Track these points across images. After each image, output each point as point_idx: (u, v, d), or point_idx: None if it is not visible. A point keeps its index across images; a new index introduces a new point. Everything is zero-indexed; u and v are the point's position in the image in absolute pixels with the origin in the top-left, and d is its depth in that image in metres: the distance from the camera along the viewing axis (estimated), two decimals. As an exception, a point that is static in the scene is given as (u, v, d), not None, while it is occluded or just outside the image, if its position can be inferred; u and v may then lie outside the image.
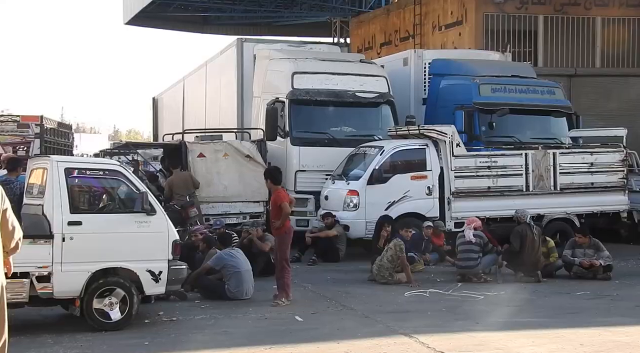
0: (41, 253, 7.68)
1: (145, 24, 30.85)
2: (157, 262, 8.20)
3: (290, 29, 28.70)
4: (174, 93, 26.50)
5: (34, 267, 7.64)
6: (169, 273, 8.25)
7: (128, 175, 8.40)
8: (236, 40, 18.11)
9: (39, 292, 7.68)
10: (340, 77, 15.37)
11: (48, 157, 8.61)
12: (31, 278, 7.63)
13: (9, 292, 7.23)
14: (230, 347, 7.41)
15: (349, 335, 7.91)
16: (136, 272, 8.08)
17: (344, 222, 13.33)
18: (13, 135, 13.74)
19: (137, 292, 8.09)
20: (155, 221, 8.24)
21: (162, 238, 8.26)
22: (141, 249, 8.14)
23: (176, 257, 8.41)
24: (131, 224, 8.13)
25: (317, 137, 15.09)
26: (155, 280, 8.18)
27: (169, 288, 8.47)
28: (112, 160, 9.86)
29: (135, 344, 7.44)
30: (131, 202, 8.28)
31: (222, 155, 14.45)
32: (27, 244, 7.57)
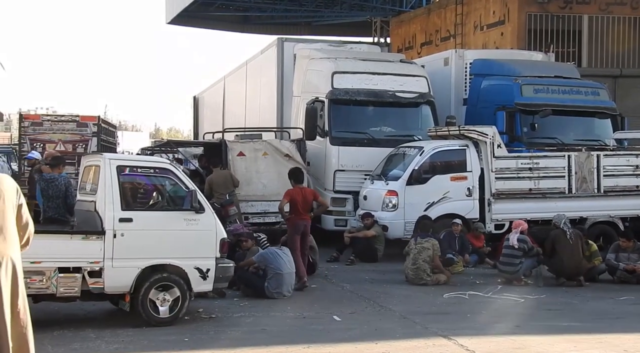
0: (93, 249, 7.80)
1: (187, 24, 31.16)
2: (205, 260, 8.27)
3: (330, 29, 28.70)
4: (215, 92, 26.72)
5: (86, 262, 7.76)
6: (217, 271, 8.32)
7: (178, 173, 8.50)
8: (276, 40, 18.16)
9: (90, 287, 7.81)
10: (380, 77, 15.31)
11: (101, 155, 8.75)
12: (83, 273, 7.76)
13: (62, 286, 7.46)
14: (268, 345, 7.43)
15: (387, 335, 7.89)
16: (184, 269, 8.16)
17: (383, 223, 13.28)
18: (73, 133, 14.39)
19: (189, 290, 8.18)
20: (204, 219, 8.31)
21: (210, 236, 8.33)
22: (189, 246, 8.22)
23: (224, 255, 8.48)
24: (180, 222, 8.22)
25: (356, 137, 15.05)
26: (202, 277, 8.25)
27: (217, 286, 8.54)
28: (162, 159, 10.00)
29: (175, 340, 7.51)
30: (180, 199, 8.38)
31: (262, 154, 14.49)
32: (80, 240, 7.84)
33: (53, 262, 7.62)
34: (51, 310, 8.47)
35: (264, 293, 9.89)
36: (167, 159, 16.42)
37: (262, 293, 9.89)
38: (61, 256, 7.69)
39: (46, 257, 7.56)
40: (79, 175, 9.47)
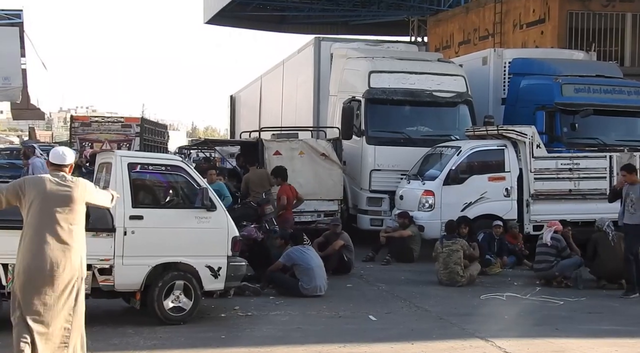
0: (103, 246, 7.72)
1: (225, 23, 31.33)
2: (216, 258, 8.18)
3: (367, 28, 28.60)
4: (251, 91, 26.83)
5: (96, 259, 7.66)
6: (228, 269, 8.22)
7: (189, 170, 8.37)
8: (314, 39, 18.17)
9: (100, 284, 7.75)
10: (418, 76, 15.21)
11: (112, 152, 8.65)
12: (93, 271, 7.68)
13: None
14: (304, 344, 7.43)
15: (423, 336, 7.84)
16: (195, 267, 8.07)
17: (419, 223, 13.20)
18: (118, 133, 15.13)
19: (200, 287, 8.12)
20: (215, 217, 8.22)
21: (222, 234, 8.24)
22: (201, 245, 8.12)
23: (236, 254, 8.38)
24: (191, 219, 8.11)
25: (392, 137, 14.97)
26: (214, 276, 8.15)
27: (228, 285, 8.41)
28: (174, 156, 9.97)
29: (212, 337, 7.55)
30: (192, 197, 8.25)
31: (298, 153, 14.47)
32: (90, 237, 7.61)
33: None
34: (91, 305, 8.53)
35: (299, 292, 9.89)
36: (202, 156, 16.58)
37: (298, 292, 9.90)
38: None
39: None
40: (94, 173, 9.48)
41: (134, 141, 14.88)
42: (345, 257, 11.83)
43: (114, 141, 14.85)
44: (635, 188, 10.48)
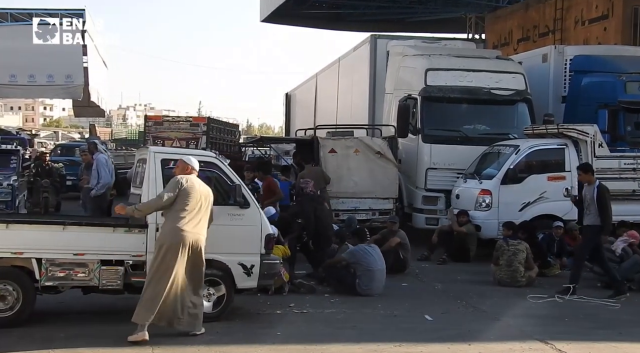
0: (136, 242, 7.73)
1: (281, 21, 31.49)
2: (249, 256, 8.10)
3: (423, 25, 28.35)
4: (307, 89, 26.91)
5: (129, 255, 7.70)
6: (262, 267, 8.13)
7: (223, 167, 8.28)
8: (370, 37, 18.11)
9: (132, 280, 7.72)
10: (475, 74, 15.00)
11: (147, 148, 8.70)
12: (126, 267, 7.71)
13: (104, 278, 7.62)
14: (359, 342, 7.41)
15: (480, 337, 7.73)
16: (228, 264, 8.02)
17: (476, 222, 13.02)
18: (186, 132, 16.01)
19: (233, 285, 8.08)
20: (249, 214, 8.11)
21: (255, 231, 8.14)
22: (234, 242, 8.03)
23: (269, 251, 8.29)
24: (224, 216, 7.97)
25: (449, 135, 14.79)
26: (247, 273, 8.07)
27: (262, 283, 8.32)
28: (208, 152, 9.90)
29: (268, 334, 7.59)
30: (225, 194, 8.13)
31: (353, 151, 14.44)
32: (123, 233, 7.77)
33: (96, 254, 7.62)
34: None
35: (355, 290, 9.86)
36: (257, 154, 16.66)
37: (353, 290, 9.87)
38: (104, 249, 7.66)
39: (89, 249, 7.62)
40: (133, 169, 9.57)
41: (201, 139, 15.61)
42: (401, 255, 11.76)
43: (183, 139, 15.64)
44: (590, 189, 10.39)
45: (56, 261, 7.52)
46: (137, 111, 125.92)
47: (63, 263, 7.53)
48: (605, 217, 10.23)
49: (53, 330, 7.35)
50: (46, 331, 7.33)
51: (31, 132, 41.67)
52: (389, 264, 11.57)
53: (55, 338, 7.06)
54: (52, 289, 7.79)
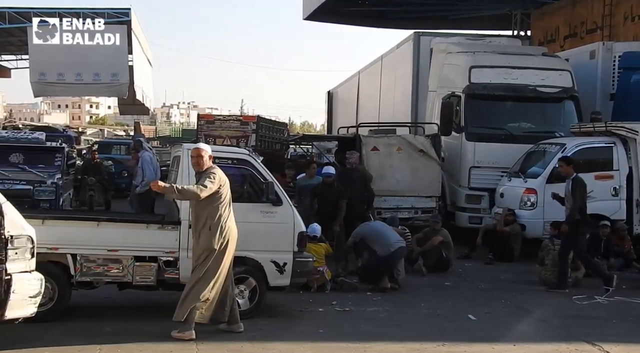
0: (169, 239, 7.72)
1: (323, 19, 31.42)
2: (281, 254, 8.05)
3: (467, 22, 27.98)
4: (349, 87, 26.85)
5: (162, 252, 7.72)
6: (294, 265, 8.07)
7: (256, 164, 8.24)
8: (413, 34, 17.98)
9: (165, 276, 7.75)
10: (521, 71, 14.79)
11: (181, 145, 8.69)
12: (159, 263, 7.74)
13: (138, 275, 7.66)
14: (402, 341, 7.36)
15: (525, 338, 7.62)
16: (260, 262, 7.99)
17: (520, 221, 12.84)
18: (237, 130, 16.63)
19: (265, 282, 8.06)
20: (281, 212, 8.07)
21: (288, 229, 8.09)
22: (266, 239, 7.99)
23: (302, 249, 8.22)
24: (257, 214, 7.97)
25: (493, 133, 14.60)
26: (279, 271, 8.03)
27: (294, 281, 8.26)
28: (242, 149, 9.91)
29: (311, 331, 7.59)
30: (258, 191, 8.11)
31: (396, 149, 14.35)
32: (156, 229, 7.81)
33: (130, 250, 7.67)
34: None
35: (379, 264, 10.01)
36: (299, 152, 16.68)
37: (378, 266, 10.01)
38: (138, 245, 7.70)
39: (123, 245, 7.67)
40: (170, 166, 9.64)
41: (251, 137, 16.14)
42: (444, 253, 11.69)
43: (233, 137, 16.17)
44: (568, 182, 10.53)
45: (91, 257, 7.63)
46: (180, 109, 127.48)
47: (97, 259, 7.64)
48: (572, 207, 10.33)
49: (99, 325, 7.45)
50: (92, 326, 7.44)
51: (78, 130, 42.44)
52: (432, 263, 11.56)
53: (101, 333, 7.16)
54: (87, 285, 7.89)
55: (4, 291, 5.75)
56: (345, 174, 12.31)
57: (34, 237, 6.03)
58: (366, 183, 12.34)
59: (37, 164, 13.62)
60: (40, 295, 6.12)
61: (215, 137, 16.05)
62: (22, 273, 5.92)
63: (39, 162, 13.69)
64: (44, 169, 13.54)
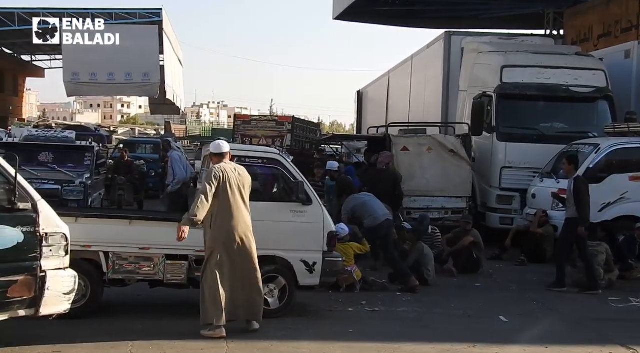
0: (199, 237, 7.71)
1: (354, 19, 31.40)
2: (311, 253, 8.04)
3: (498, 22, 27.74)
4: (379, 87, 26.79)
5: (193, 250, 7.74)
6: (324, 264, 8.06)
7: (286, 164, 8.22)
8: (444, 34, 17.87)
9: (196, 275, 7.74)
10: (553, 71, 14.62)
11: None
12: (190, 262, 7.80)
13: (169, 273, 7.71)
14: (432, 342, 7.31)
15: (557, 340, 7.53)
16: (290, 261, 7.98)
17: (553, 222, 12.68)
18: (272, 130, 17.01)
19: (295, 281, 8.05)
20: (311, 211, 8.07)
21: (317, 228, 8.08)
22: (296, 239, 7.98)
23: (332, 249, 8.21)
24: (287, 213, 7.96)
25: (525, 133, 14.45)
26: (309, 271, 8.02)
27: (324, 281, 8.25)
28: (272, 149, 9.90)
29: (340, 331, 7.58)
30: (288, 191, 8.13)
31: (426, 149, 14.28)
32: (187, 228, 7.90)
33: (161, 249, 7.74)
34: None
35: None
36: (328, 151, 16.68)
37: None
38: (169, 244, 7.68)
39: (154, 244, 7.73)
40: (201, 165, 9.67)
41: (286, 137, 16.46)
42: (475, 254, 11.61)
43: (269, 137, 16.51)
44: (570, 182, 10.55)
45: (123, 255, 7.70)
46: (210, 108, 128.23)
47: (129, 257, 7.71)
48: (581, 210, 10.27)
49: (131, 322, 7.52)
50: (124, 323, 7.51)
51: (110, 129, 42.91)
52: (462, 264, 11.48)
53: (133, 330, 7.22)
54: (119, 282, 7.96)
55: (38, 288, 5.83)
56: (376, 174, 12.34)
57: (67, 234, 6.10)
58: (396, 184, 12.31)
59: (66, 163, 13.47)
60: (74, 292, 6.19)
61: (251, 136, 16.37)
62: (57, 271, 6.00)
63: (68, 161, 13.54)
64: (73, 168, 13.40)
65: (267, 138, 16.30)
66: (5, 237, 5.71)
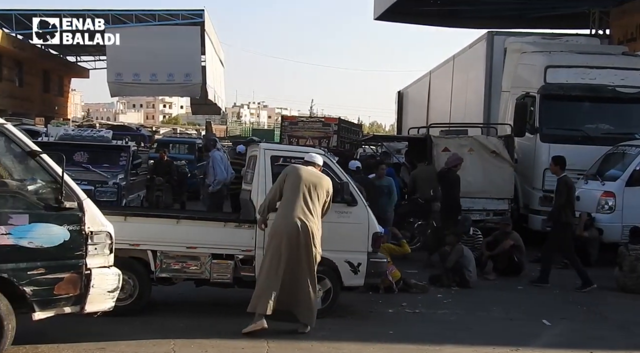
0: (245, 237, 7.81)
1: (395, 19, 31.26)
2: (356, 254, 8.04)
3: (542, 21, 27.34)
4: (420, 87, 26.64)
5: (239, 250, 7.83)
6: (369, 265, 8.06)
7: (331, 164, 8.24)
8: (486, 34, 17.69)
9: (242, 274, 7.84)
10: (599, 71, 14.36)
11: (257, 145, 8.73)
12: (235, 261, 7.84)
13: (215, 272, 7.76)
14: (473, 345, 7.25)
15: (604, 345, 7.41)
16: (335, 261, 7.98)
17: (598, 225, 12.46)
18: (319, 131, 17.29)
19: (339, 282, 8.04)
20: (356, 212, 8.08)
21: (362, 229, 8.08)
22: (341, 239, 7.94)
23: (376, 250, 8.21)
24: (332, 214, 7.84)
25: (569, 134, 14.19)
26: (353, 271, 8.02)
27: (368, 281, 8.27)
28: (316, 149, 9.90)
29: (380, 332, 7.55)
30: (333, 191, 8.04)
31: (467, 150, 14.16)
32: (233, 228, 7.91)
33: (207, 248, 7.80)
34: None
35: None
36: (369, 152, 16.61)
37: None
38: (215, 243, 7.81)
39: (201, 243, 7.79)
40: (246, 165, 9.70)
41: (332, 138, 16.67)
42: (515, 257, 11.45)
43: (316, 137, 16.74)
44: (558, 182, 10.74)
45: (170, 253, 7.79)
46: (250, 109, 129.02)
47: (176, 256, 7.79)
48: (555, 207, 10.65)
49: (173, 321, 7.59)
50: (166, 321, 7.58)
51: (152, 129, 43.45)
52: (503, 267, 11.34)
53: (175, 328, 7.29)
54: (167, 281, 8.06)
55: (84, 285, 5.92)
56: (441, 174, 12.78)
57: (112, 233, 6.20)
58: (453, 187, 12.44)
59: (101, 163, 13.28)
60: (118, 290, 6.28)
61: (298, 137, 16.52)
62: (101, 269, 6.09)
63: (103, 161, 13.36)
64: (108, 168, 13.21)
65: (313, 139, 16.43)
66: (52, 235, 5.82)
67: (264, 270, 7.28)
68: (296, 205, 7.24)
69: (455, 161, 12.73)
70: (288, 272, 7.21)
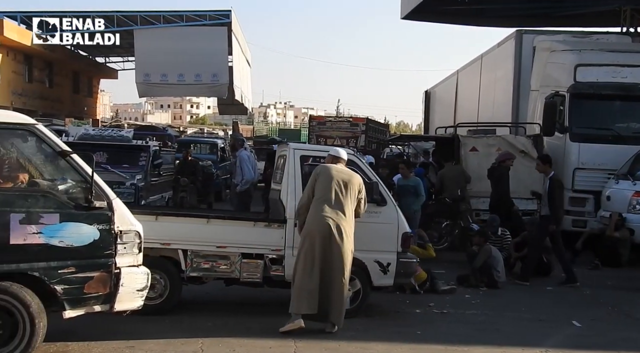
0: (275, 237, 7.83)
1: (422, 18, 31.07)
2: (385, 254, 8.03)
3: (571, 20, 26.99)
4: (447, 86, 26.50)
5: (268, 249, 7.86)
6: (398, 265, 8.04)
7: (361, 164, 8.22)
8: (515, 32, 17.54)
9: (271, 274, 7.88)
10: (631, 70, 14.17)
11: (287, 145, 8.73)
12: (265, 261, 7.87)
13: (245, 271, 7.79)
14: (502, 346, 7.19)
15: (634, 346, 7.33)
16: (364, 261, 7.96)
17: (629, 226, 12.30)
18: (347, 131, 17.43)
19: (369, 282, 8.03)
20: (386, 212, 8.07)
21: (392, 229, 8.06)
22: (370, 239, 7.91)
23: (406, 250, 8.19)
24: None
25: (599, 134, 14.04)
26: (383, 271, 8.01)
27: (398, 281, 8.24)
28: (346, 149, 9.88)
29: (407, 332, 7.53)
30: None
31: (495, 150, 14.07)
32: (263, 227, 7.93)
33: (237, 247, 7.83)
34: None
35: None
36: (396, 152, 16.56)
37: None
38: (245, 242, 7.84)
39: (231, 242, 7.82)
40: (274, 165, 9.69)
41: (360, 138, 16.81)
42: (545, 258, 11.32)
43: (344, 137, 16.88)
44: (545, 181, 10.83)
45: (200, 253, 7.83)
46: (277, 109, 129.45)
47: (207, 255, 7.83)
48: (553, 209, 10.53)
49: (201, 320, 7.63)
50: (195, 320, 7.62)
51: (179, 129, 43.73)
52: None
53: (203, 327, 7.33)
54: (197, 280, 8.10)
55: (113, 284, 5.98)
56: (490, 170, 13.16)
57: (141, 232, 6.25)
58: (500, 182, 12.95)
59: (120, 163, 13.15)
60: (147, 288, 6.32)
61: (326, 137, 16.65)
62: (130, 267, 6.14)
63: (123, 161, 13.23)
64: (127, 169, 13.09)
65: (341, 139, 16.53)
66: (82, 234, 5.88)
67: (299, 271, 7.29)
68: (328, 204, 7.28)
69: (504, 156, 12.94)
70: (322, 272, 7.23)
